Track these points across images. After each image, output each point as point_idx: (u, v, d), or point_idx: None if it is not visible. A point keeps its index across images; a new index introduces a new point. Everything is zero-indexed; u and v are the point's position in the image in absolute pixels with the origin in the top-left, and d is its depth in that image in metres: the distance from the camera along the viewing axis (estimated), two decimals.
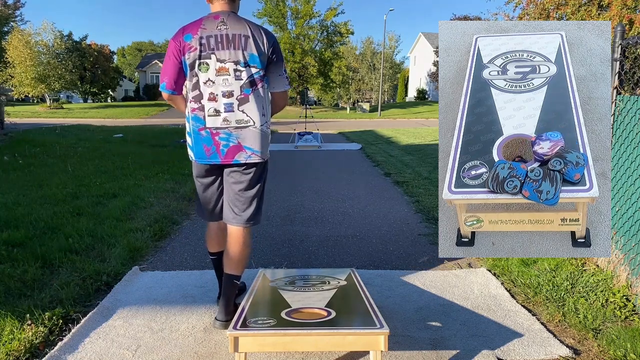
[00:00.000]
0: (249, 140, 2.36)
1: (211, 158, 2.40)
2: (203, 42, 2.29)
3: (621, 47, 3.03)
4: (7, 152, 9.06)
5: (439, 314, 2.76)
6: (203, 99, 2.33)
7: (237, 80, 2.31)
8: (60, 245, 3.70)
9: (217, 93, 2.31)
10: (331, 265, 3.58)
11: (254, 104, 2.34)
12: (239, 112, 2.33)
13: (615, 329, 2.51)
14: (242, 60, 2.30)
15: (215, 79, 2.31)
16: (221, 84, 2.31)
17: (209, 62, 2.30)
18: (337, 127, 21.68)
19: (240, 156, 2.38)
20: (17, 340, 2.35)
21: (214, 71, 2.30)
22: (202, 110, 2.34)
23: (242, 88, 2.32)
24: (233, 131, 2.34)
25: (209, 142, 2.37)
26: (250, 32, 2.31)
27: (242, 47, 2.29)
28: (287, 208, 5.41)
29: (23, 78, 34.21)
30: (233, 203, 2.51)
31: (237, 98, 2.32)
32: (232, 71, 2.30)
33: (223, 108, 2.32)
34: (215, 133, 2.35)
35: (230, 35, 2.29)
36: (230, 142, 2.35)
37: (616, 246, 3.08)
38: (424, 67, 48.01)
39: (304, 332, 2.03)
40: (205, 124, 2.35)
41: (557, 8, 11.64)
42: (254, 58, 2.31)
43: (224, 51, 2.29)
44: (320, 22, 37.38)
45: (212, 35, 2.30)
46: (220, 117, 2.33)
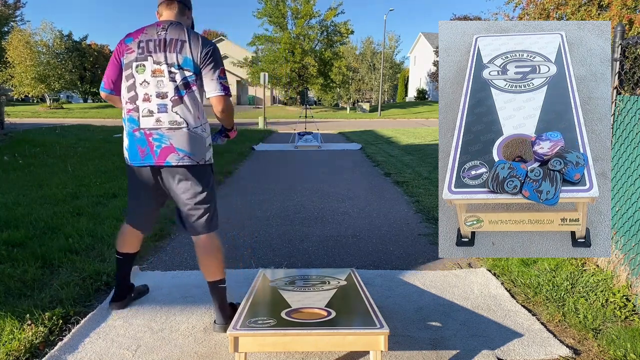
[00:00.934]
0: (180, 142, 2.35)
1: (145, 160, 2.39)
2: (142, 45, 2.36)
3: (621, 47, 3.03)
4: (7, 152, 9.06)
5: (439, 314, 2.76)
6: (138, 100, 2.36)
7: (171, 82, 2.33)
8: (60, 245, 3.70)
9: (152, 94, 2.34)
10: (331, 265, 3.58)
11: (187, 106, 2.35)
12: (173, 113, 2.34)
13: (615, 329, 2.51)
14: (176, 63, 2.33)
15: (151, 80, 2.34)
16: (156, 85, 2.34)
17: (145, 64, 2.35)
18: (337, 127, 21.68)
19: (172, 158, 2.36)
20: (17, 340, 2.35)
21: (150, 72, 2.34)
22: (136, 111, 2.37)
23: (176, 90, 2.34)
24: (165, 132, 2.34)
25: (143, 143, 2.37)
26: (187, 37, 2.35)
27: (177, 51, 2.33)
28: (287, 208, 5.41)
29: (23, 78, 34.22)
30: (185, 213, 2.49)
31: (170, 99, 2.34)
32: (167, 73, 2.33)
33: (156, 109, 2.34)
34: (149, 134, 2.35)
35: (167, 40, 2.35)
36: (163, 143, 2.34)
37: (616, 246, 3.08)
38: (424, 67, 48.02)
39: (304, 332, 2.03)
40: (139, 124, 2.36)
41: (557, 8, 11.64)
42: (188, 61, 2.34)
43: (160, 54, 2.34)
44: (320, 22, 37.38)
45: (151, 40, 2.36)
46: (153, 117, 2.34)
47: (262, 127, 20.10)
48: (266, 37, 37.36)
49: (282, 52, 36.08)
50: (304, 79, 37.21)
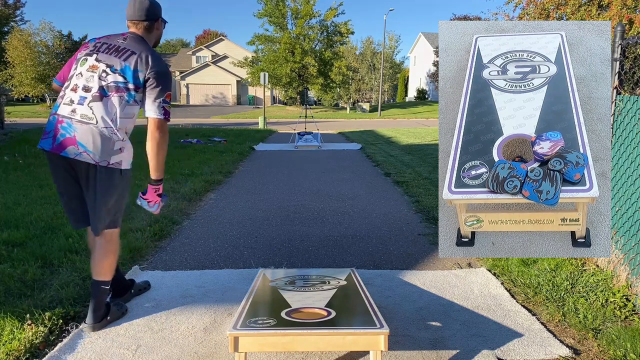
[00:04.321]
0: (84, 137, 2.32)
1: (43, 143, 2.38)
2: (97, 45, 2.46)
3: (621, 47, 3.03)
4: (7, 152, 9.06)
5: (439, 314, 2.76)
6: (68, 89, 2.41)
7: (100, 80, 2.37)
8: (60, 245, 3.70)
9: (80, 86, 2.38)
10: (331, 265, 3.58)
11: (106, 106, 2.35)
12: (87, 107, 2.34)
13: (615, 329, 2.51)
14: (114, 66, 2.38)
15: (85, 73, 2.39)
16: (86, 79, 2.38)
17: (88, 59, 2.42)
18: (337, 127, 21.68)
19: (70, 150, 2.32)
20: (17, 340, 2.35)
21: (88, 66, 2.40)
22: (62, 98, 2.40)
23: (101, 89, 2.36)
24: (74, 123, 2.33)
25: (51, 126, 2.37)
26: (139, 53, 2.41)
27: (122, 58, 2.39)
28: (287, 208, 5.41)
29: (23, 78, 34.21)
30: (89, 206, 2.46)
31: (92, 95, 2.35)
32: (101, 71, 2.38)
33: (77, 99, 2.36)
34: (60, 121, 2.35)
35: (121, 48, 2.43)
36: (68, 133, 2.32)
37: (616, 246, 3.08)
38: (424, 67, 48.01)
39: (304, 332, 2.03)
40: (57, 110, 2.39)
41: (557, 8, 11.64)
42: (127, 70, 2.37)
43: (107, 55, 2.41)
44: (320, 22, 37.34)
45: (108, 44, 2.46)
46: (71, 107, 2.36)
47: (262, 127, 20.11)
48: (266, 37, 37.35)
49: (282, 52, 36.06)
50: (304, 79, 37.18)
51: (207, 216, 5.05)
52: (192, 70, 46.33)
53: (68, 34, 39.58)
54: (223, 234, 4.38)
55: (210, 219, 4.94)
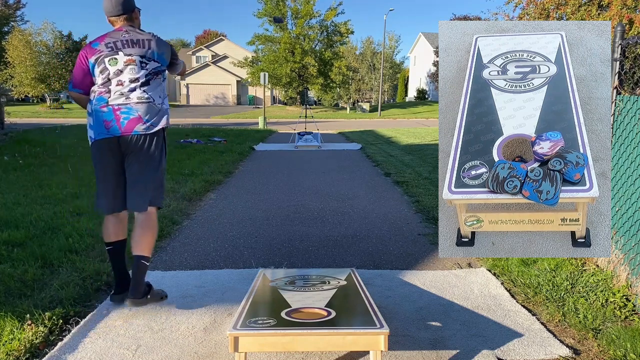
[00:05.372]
0: (147, 112, 2.65)
1: (111, 131, 2.61)
2: (110, 45, 2.67)
3: (621, 47, 3.03)
4: (7, 152, 9.06)
5: (439, 314, 2.76)
6: (111, 85, 2.66)
7: (142, 69, 2.68)
8: (60, 245, 3.70)
9: (125, 79, 2.65)
10: (331, 265, 3.58)
11: (154, 88, 2.71)
12: (140, 91, 2.66)
13: (615, 329, 2.51)
14: (147, 55, 2.70)
15: (124, 68, 2.65)
16: (128, 72, 2.65)
17: (117, 57, 2.66)
18: (337, 127, 21.68)
19: (139, 127, 2.63)
20: (17, 340, 2.35)
21: (122, 63, 2.65)
22: (107, 93, 2.65)
23: (146, 75, 2.69)
24: (134, 105, 2.63)
25: (110, 116, 2.62)
26: (150, 39, 2.75)
27: (147, 47, 2.71)
28: (287, 208, 5.41)
29: (23, 78, 34.20)
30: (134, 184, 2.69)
31: (140, 82, 2.67)
32: (138, 62, 2.68)
33: (128, 89, 2.64)
34: (117, 108, 2.62)
35: (134, 39, 2.71)
36: (131, 115, 2.62)
37: (616, 246, 3.08)
38: (424, 67, 48.00)
39: (304, 332, 2.03)
40: (107, 102, 2.63)
41: (557, 8, 11.63)
42: (157, 55, 2.74)
43: (131, 49, 2.68)
44: (320, 22, 37.34)
45: (118, 40, 2.69)
46: (123, 96, 2.64)
47: (262, 127, 20.11)
48: (266, 37, 37.36)
49: (282, 52, 36.06)
50: (304, 79, 37.17)
51: (207, 216, 5.05)
52: (192, 70, 46.34)
53: (68, 34, 39.56)
54: (223, 234, 4.38)
55: (210, 219, 4.94)
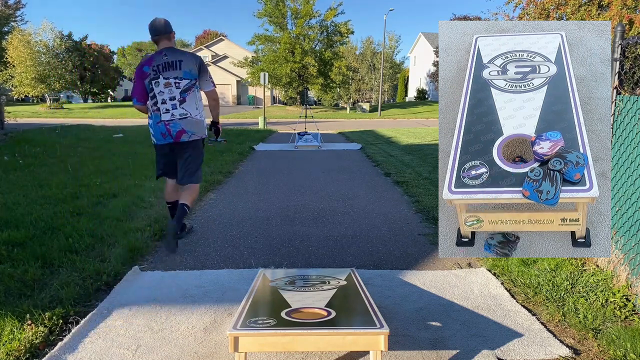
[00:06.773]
0: (188, 126, 3.56)
1: (166, 139, 3.58)
2: (155, 69, 3.54)
3: (621, 47, 3.03)
4: (7, 152, 9.06)
5: (439, 314, 2.76)
6: (158, 103, 3.54)
7: (177, 89, 3.53)
8: (60, 245, 3.70)
9: (167, 98, 3.53)
10: (331, 265, 3.58)
11: (189, 102, 3.56)
12: (181, 108, 3.53)
13: (615, 329, 2.51)
14: (179, 76, 3.53)
15: (164, 90, 3.53)
16: (167, 92, 3.53)
17: (159, 80, 3.53)
18: (337, 127, 21.68)
19: (184, 137, 3.57)
20: (17, 340, 2.35)
21: (163, 85, 3.53)
22: (158, 111, 3.54)
23: (181, 93, 3.53)
24: (178, 121, 3.53)
25: (164, 129, 3.55)
26: (183, 57, 3.57)
27: (179, 67, 3.54)
28: (287, 208, 5.41)
29: (23, 78, 34.21)
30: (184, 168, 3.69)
31: (178, 100, 3.53)
32: (174, 83, 3.53)
33: (171, 107, 3.53)
34: (168, 123, 3.53)
35: (170, 62, 3.54)
36: (177, 128, 3.54)
37: (616, 246, 3.08)
38: (424, 67, 47.99)
39: (304, 332, 2.03)
40: (160, 118, 3.53)
41: (557, 8, 11.63)
42: (186, 73, 3.55)
43: (168, 72, 3.53)
44: (320, 22, 37.30)
45: (160, 64, 3.54)
46: (169, 113, 3.53)
47: (262, 127, 20.10)
48: (266, 37, 37.34)
49: (282, 52, 36.04)
50: (304, 79, 37.15)
51: (207, 216, 5.05)
52: None
53: (68, 34, 39.60)
54: (223, 234, 4.39)
55: (210, 219, 4.94)
